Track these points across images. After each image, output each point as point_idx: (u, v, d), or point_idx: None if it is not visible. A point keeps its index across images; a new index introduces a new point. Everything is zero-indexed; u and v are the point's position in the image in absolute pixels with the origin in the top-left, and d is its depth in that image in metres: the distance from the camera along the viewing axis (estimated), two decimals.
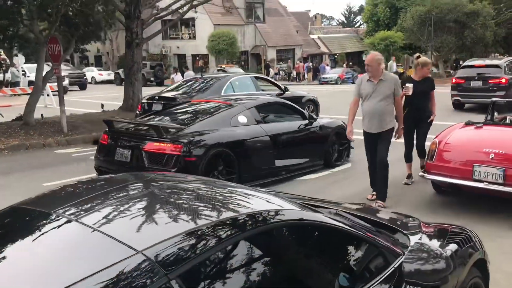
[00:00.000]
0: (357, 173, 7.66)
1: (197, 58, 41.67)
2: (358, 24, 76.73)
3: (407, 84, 6.42)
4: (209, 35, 38.59)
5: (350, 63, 43.77)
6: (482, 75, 14.97)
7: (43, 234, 1.85)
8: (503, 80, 14.44)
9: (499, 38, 33.44)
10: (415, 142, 6.99)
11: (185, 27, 41.79)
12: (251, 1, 42.03)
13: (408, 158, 7.02)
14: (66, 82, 29.88)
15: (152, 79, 34.74)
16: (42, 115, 13.03)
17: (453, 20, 31.05)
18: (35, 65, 32.30)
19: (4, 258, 1.74)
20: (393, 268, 2.25)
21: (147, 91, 15.10)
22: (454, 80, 15.79)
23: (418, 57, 6.99)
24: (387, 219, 3.08)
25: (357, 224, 2.53)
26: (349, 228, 2.31)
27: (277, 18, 44.95)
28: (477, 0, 33.36)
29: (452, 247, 2.70)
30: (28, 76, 27.56)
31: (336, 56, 49.42)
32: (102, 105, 14.23)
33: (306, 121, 7.79)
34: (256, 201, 2.27)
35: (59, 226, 1.87)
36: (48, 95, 19.88)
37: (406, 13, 35.39)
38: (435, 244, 2.62)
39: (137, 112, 11.01)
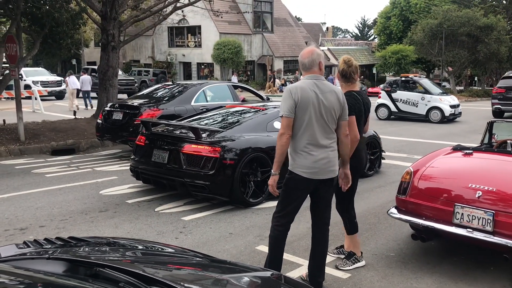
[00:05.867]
0: None
1: (202, 66, 40.77)
2: (371, 37, 75.34)
3: None
4: (214, 44, 37.67)
5: (361, 76, 42.44)
6: None
7: None
8: None
9: None
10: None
11: (191, 34, 40.89)
12: (259, 10, 41.04)
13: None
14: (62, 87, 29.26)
15: None
16: (4, 120, 11.99)
17: (465, 34, 29.61)
18: (34, 69, 31.83)
19: None
20: None
21: None
22: (495, 90, 18.08)
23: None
24: None
25: None
26: None
27: (286, 28, 43.85)
28: (491, 14, 31.96)
29: None
30: (24, 80, 26.88)
31: None
32: (75, 112, 13.21)
33: None
34: None
35: None
36: (36, 98, 19.05)
37: (417, 26, 33.98)
38: None
39: (98, 121, 9.90)
